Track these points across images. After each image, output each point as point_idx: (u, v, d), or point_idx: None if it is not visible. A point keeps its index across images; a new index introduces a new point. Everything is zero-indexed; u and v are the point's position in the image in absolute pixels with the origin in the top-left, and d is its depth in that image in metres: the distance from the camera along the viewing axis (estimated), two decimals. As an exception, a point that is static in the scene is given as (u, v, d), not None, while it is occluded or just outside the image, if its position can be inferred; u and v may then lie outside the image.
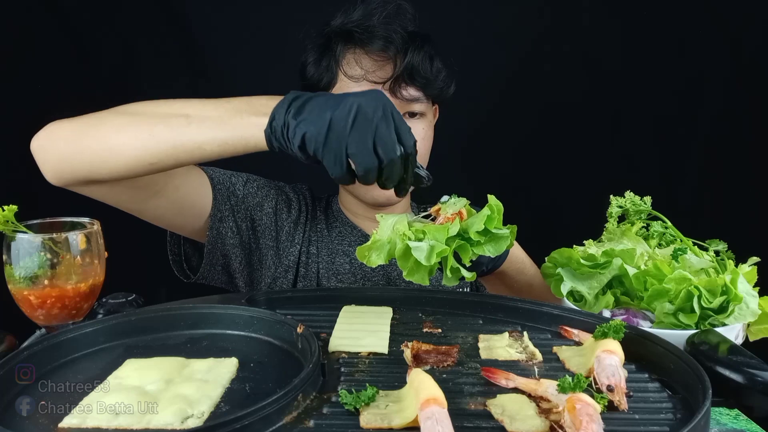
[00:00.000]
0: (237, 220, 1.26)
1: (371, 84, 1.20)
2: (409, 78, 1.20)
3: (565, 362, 0.78)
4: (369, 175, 0.81)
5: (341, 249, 1.33)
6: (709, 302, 0.90)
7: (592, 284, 0.99)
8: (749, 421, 0.71)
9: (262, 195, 1.30)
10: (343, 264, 1.32)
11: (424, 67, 1.21)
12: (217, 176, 1.24)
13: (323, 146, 0.80)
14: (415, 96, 1.22)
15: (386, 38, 1.19)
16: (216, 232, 1.23)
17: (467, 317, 0.93)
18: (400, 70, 1.19)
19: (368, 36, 1.20)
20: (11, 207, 0.85)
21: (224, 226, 1.24)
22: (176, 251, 1.29)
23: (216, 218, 1.22)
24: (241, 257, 1.28)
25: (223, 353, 0.79)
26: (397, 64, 1.20)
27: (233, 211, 1.25)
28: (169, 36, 1.89)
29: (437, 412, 0.59)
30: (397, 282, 1.32)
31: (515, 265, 1.22)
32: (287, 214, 1.32)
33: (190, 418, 0.64)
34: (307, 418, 0.64)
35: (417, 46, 1.20)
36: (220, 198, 1.23)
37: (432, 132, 1.31)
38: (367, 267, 1.32)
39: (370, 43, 1.20)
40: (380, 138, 0.79)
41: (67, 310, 0.88)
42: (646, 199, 1.06)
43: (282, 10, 1.79)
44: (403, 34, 1.20)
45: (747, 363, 0.73)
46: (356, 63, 1.21)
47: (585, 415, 0.59)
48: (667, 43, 1.87)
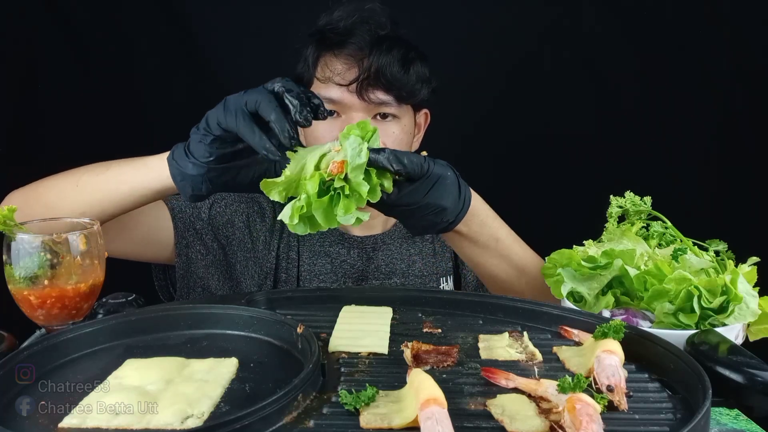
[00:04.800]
0: (206, 242, 1.32)
1: (338, 86, 1.23)
2: (374, 81, 1.21)
3: (565, 362, 0.78)
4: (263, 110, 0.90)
5: (322, 250, 1.37)
6: (709, 302, 0.90)
7: (593, 285, 0.99)
8: (749, 421, 0.71)
9: (231, 212, 1.35)
10: (325, 264, 1.36)
11: (392, 71, 1.21)
12: (179, 206, 1.30)
13: (224, 109, 0.93)
14: (382, 99, 1.23)
15: (354, 41, 1.22)
16: (185, 258, 1.30)
17: (467, 317, 0.93)
18: (364, 72, 1.21)
19: (338, 39, 1.24)
20: (11, 207, 0.85)
21: (192, 251, 1.30)
22: (161, 277, 1.38)
23: (182, 245, 1.29)
24: (218, 275, 1.34)
25: (223, 353, 0.79)
26: (362, 67, 1.21)
27: (200, 235, 1.31)
28: (169, 36, 1.89)
29: (437, 412, 0.60)
30: (375, 274, 1.37)
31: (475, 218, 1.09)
32: (261, 224, 1.37)
33: (190, 418, 0.64)
34: (307, 418, 0.64)
35: (385, 49, 1.22)
36: (182, 226, 1.29)
37: (408, 136, 1.31)
38: (345, 265, 1.37)
39: (340, 46, 1.23)
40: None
41: (67, 310, 0.88)
42: (646, 199, 1.06)
43: (282, 9, 1.79)
44: (372, 37, 1.22)
45: (747, 363, 0.73)
46: (326, 65, 1.25)
47: (585, 415, 0.59)
48: (667, 43, 1.87)
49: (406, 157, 0.90)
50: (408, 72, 1.24)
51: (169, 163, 1.00)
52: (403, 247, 1.40)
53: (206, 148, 0.95)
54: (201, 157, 0.96)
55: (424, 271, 1.39)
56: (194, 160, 0.97)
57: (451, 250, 1.41)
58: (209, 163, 0.96)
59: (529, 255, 1.18)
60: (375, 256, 1.38)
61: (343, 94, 1.22)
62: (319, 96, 1.24)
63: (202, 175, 0.97)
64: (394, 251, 1.39)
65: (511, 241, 1.16)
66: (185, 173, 0.98)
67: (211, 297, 1.32)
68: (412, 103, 1.30)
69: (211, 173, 0.97)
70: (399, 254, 1.39)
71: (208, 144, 0.95)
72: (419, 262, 1.39)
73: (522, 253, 1.17)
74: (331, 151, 0.87)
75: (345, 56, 1.23)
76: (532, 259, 1.18)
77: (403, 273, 1.38)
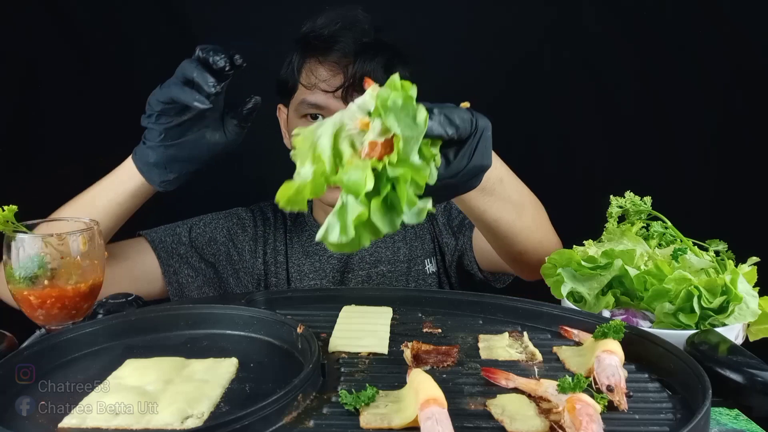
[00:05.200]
0: (193, 264, 1.35)
1: (323, 92, 1.25)
2: (360, 87, 1.22)
3: (565, 362, 0.78)
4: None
5: (310, 249, 1.40)
6: (709, 302, 0.90)
7: (593, 285, 0.99)
8: (749, 421, 0.71)
9: (211, 230, 1.39)
10: (313, 263, 1.39)
11: (376, 77, 1.22)
12: (158, 237, 1.33)
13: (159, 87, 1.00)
14: None
15: (338, 48, 1.25)
16: (177, 285, 1.33)
17: (467, 317, 0.93)
18: (349, 79, 1.23)
19: (323, 45, 1.26)
20: (11, 207, 0.85)
21: (182, 276, 1.33)
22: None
23: (170, 273, 1.32)
24: (213, 293, 1.37)
25: (223, 353, 0.79)
26: (347, 73, 1.24)
27: (185, 259, 1.34)
28: (169, 36, 1.89)
29: (437, 412, 0.60)
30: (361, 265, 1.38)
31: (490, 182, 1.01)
32: (243, 235, 1.41)
33: (190, 418, 0.64)
34: (307, 418, 0.64)
35: (369, 56, 1.24)
36: (165, 255, 1.32)
37: None
38: (332, 260, 1.38)
39: (324, 53, 1.26)
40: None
41: (67, 310, 0.88)
42: (646, 199, 1.06)
43: (281, 10, 1.79)
44: (356, 44, 1.25)
45: (747, 363, 0.73)
46: (312, 72, 1.28)
47: (585, 415, 0.59)
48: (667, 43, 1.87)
49: (456, 114, 0.69)
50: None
51: (133, 160, 1.08)
52: (386, 235, 1.40)
53: (155, 129, 1.03)
54: (154, 139, 1.04)
55: (409, 255, 1.40)
56: (150, 144, 1.05)
57: (431, 231, 1.42)
58: (163, 141, 1.04)
59: (525, 190, 1.11)
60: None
61: (329, 100, 1.25)
62: (306, 101, 1.27)
63: (161, 157, 1.05)
64: (378, 240, 1.39)
65: (511, 178, 1.08)
66: (148, 162, 1.06)
67: (210, 297, 1.33)
68: None
69: (169, 152, 1.05)
70: (383, 242, 1.40)
71: (155, 123, 1.03)
72: (404, 248, 1.40)
73: (520, 188, 1.10)
74: (348, 126, 0.65)
75: (330, 63, 1.26)
76: (528, 194, 1.11)
77: (389, 260, 1.39)
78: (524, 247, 1.11)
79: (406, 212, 0.62)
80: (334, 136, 0.64)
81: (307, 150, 0.64)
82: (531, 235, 1.10)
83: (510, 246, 1.11)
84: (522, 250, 1.11)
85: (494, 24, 1.88)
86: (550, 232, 1.15)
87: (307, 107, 1.28)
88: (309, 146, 0.64)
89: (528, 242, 1.10)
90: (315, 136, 0.64)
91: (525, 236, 1.09)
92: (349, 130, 0.64)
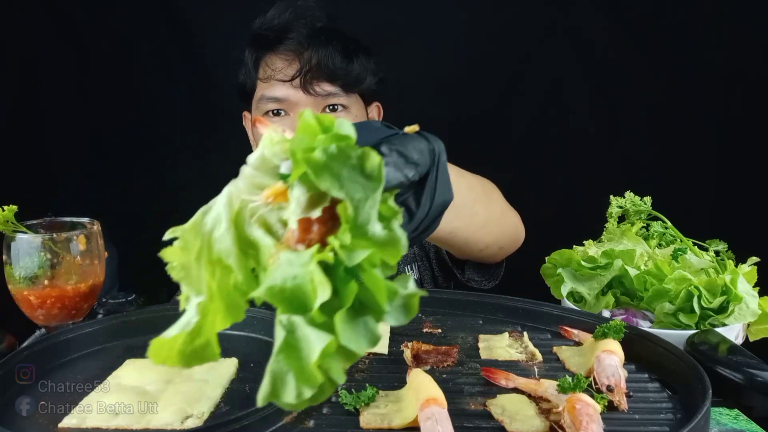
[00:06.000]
0: None
1: (280, 82, 1.21)
2: (318, 72, 1.19)
3: (565, 362, 0.78)
4: None
5: None
6: (709, 302, 0.90)
7: (593, 285, 0.99)
8: (749, 421, 0.71)
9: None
10: None
11: (333, 61, 1.20)
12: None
13: None
14: (329, 90, 1.21)
15: (291, 36, 1.21)
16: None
17: (467, 317, 0.93)
18: (306, 65, 1.19)
19: (275, 36, 1.23)
20: (11, 207, 0.85)
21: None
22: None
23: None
24: None
25: (223, 353, 0.79)
26: (303, 60, 1.20)
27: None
28: (169, 36, 1.89)
29: (437, 412, 0.59)
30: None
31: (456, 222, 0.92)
32: None
33: (190, 418, 0.64)
34: (307, 418, 0.64)
35: (323, 40, 1.20)
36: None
37: None
38: None
39: (277, 43, 1.22)
40: None
41: (67, 310, 0.88)
42: (646, 199, 1.06)
43: (282, 10, 1.79)
44: (309, 30, 1.21)
45: (747, 363, 0.73)
46: (267, 65, 1.24)
47: (585, 415, 0.59)
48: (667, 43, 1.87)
49: (411, 148, 0.50)
50: (351, 62, 1.22)
51: None
52: None
53: None
54: None
55: None
56: None
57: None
58: None
59: (474, 183, 1.01)
60: None
61: (287, 90, 1.20)
62: (264, 96, 1.20)
63: None
64: None
65: (459, 178, 0.95)
66: None
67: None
68: (360, 92, 1.27)
69: None
70: None
71: None
72: None
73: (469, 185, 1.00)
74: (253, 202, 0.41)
75: (284, 52, 1.22)
76: (478, 185, 1.03)
77: None
78: (484, 243, 1.07)
79: (388, 311, 0.40)
80: (234, 222, 0.41)
81: (196, 260, 0.42)
82: (488, 228, 1.06)
83: (470, 247, 1.08)
84: (483, 246, 1.07)
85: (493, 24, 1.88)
86: (505, 210, 1.08)
87: (267, 102, 1.23)
88: (197, 251, 0.41)
89: (487, 236, 1.06)
90: (203, 232, 0.41)
91: (483, 232, 1.05)
92: (254, 206, 0.41)
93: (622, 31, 1.90)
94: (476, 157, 1.91)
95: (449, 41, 1.85)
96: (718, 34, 1.82)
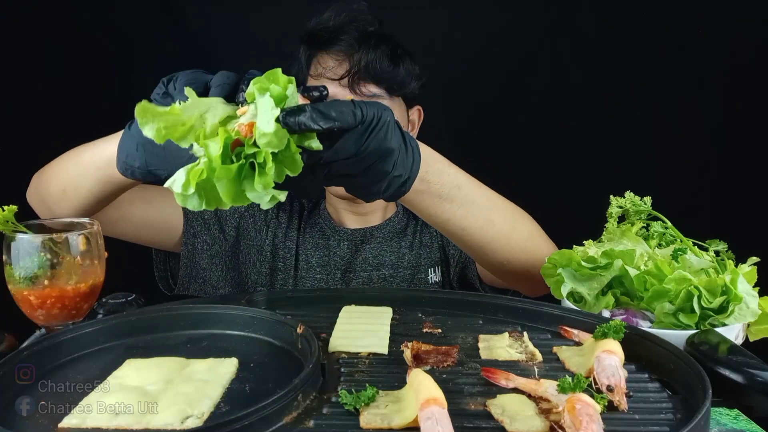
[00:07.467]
0: (213, 232, 1.37)
1: (329, 81, 1.27)
2: (365, 74, 1.26)
3: (565, 362, 0.78)
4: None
5: (321, 242, 1.42)
6: (709, 302, 0.90)
7: (593, 285, 0.99)
8: (749, 421, 0.71)
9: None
10: (322, 257, 1.40)
11: (381, 65, 1.26)
12: None
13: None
14: (374, 92, 1.28)
15: (344, 38, 1.28)
16: (191, 248, 1.35)
17: (467, 317, 0.93)
18: (354, 66, 1.26)
19: (328, 36, 1.29)
20: (11, 207, 0.85)
21: (199, 240, 1.36)
22: (162, 267, 1.41)
23: (189, 234, 1.35)
24: (221, 266, 1.38)
25: (223, 353, 0.79)
26: (352, 61, 1.26)
27: (207, 225, 1.37)
28: (169, 36, 1.89)
29: (437, 412, 0.60)
30: (363, 266, 1.39)
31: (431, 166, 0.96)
32: (260, 210, 1.41)
33: (190, 418, 0.64)
34: (307, 418, 0.64)
35: (373, 44, 1.27)
36: (191, 215, 1.34)
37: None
38: (336, 257, 1.40)
39: (330, 44, 1.29)
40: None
41: (67, 310, 0.88)
42: (646, 199, 1.06)
43: (282, 10, 1.79)
44: (361, 34, 1.28)
45: (747, 363, 0.73)
46: (319, 63, 1.31)
47: (585, 415, 0.59)
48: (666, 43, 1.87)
49: (333, 108, 0.72)
50: (397, 66, 1.29)
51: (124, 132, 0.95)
52: (393, 241, 1.42)
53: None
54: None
55: (414, 262, 1.40)
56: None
57: (438, 240, 1.42)
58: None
59: (494, 196, 1.07)
60: (363, 248, 1.40)
61: (335, 89, 1.26)
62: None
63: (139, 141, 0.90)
64: (383, 244, 1.41)
65: (472, 184, 1.04)
66: (132, 135, 0.92)
67: (211, 297, 1.33)
68: (404, 96, 1.35)
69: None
70: (389, 247, 1.41)
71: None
72: (409, 254, 1.40)
73: (488, 195, 1.06)
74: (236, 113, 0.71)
75: (335, 52, 1.29)
76: (500, 200, 1.09)
77: (392, 265, 1.39)
78: (504, 256, 1.08)
79: (257, 191, 0.66)
80: (226, 116, 0.71)
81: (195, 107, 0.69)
82: (509, 243, 1.08)
83: (487, 255, 1.09)
84: (502, 259, 1.09)
85: (493, 24, 1.89)
86: (535, 237, 1.12)
87: None
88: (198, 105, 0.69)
89: (507, 250, 1.08)
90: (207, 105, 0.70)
91: (501, 244, 1.07)
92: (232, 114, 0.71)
93: (622, 32, 1.90)
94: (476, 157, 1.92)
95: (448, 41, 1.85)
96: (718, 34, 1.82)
